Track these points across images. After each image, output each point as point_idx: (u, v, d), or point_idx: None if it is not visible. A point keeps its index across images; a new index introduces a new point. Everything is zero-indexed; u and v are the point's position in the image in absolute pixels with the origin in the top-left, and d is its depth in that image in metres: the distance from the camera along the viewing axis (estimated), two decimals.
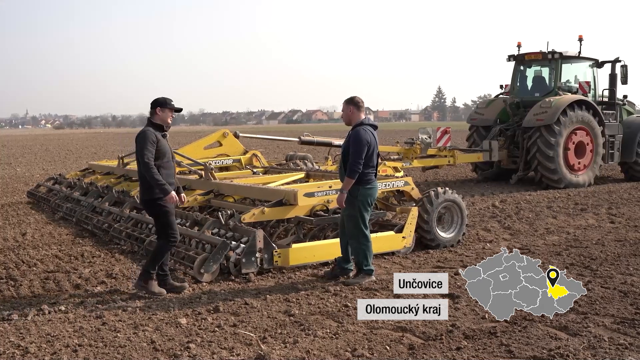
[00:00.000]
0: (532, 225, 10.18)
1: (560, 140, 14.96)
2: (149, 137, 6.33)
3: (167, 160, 6.48)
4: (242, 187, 9.15)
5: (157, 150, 6.37)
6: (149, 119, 6.59)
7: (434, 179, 18.05)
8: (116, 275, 7.28)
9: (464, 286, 6.43)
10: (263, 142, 32.80)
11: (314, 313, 5.77)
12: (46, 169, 24.74)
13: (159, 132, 6.48)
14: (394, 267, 7.56)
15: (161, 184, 6.27)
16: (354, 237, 6.84)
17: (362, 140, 6.70)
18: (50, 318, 5.77)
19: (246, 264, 7.00)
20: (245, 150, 13.10)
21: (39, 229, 10.75)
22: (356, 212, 6.75)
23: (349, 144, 6.75)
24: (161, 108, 6.52)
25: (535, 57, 16.69)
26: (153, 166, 6.28)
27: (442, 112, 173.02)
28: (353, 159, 6.64)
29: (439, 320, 5.40)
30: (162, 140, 6.45)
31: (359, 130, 6.75)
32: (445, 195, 8.57)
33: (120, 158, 12.99)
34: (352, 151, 6.67)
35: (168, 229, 6.46)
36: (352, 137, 6.74)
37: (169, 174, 6.50)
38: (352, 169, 6.64)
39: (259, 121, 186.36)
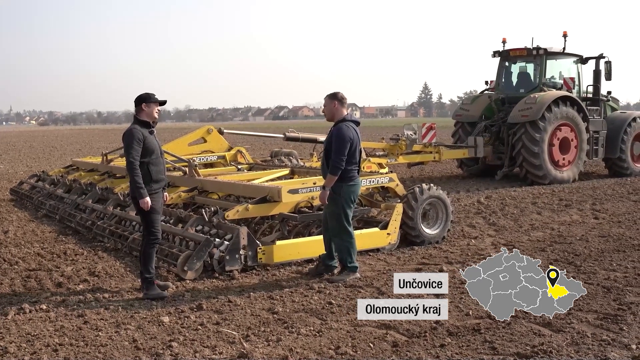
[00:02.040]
0: (516, 221, 10.21)
1: (545, 136, 15.01)
2: (135, 136, 6.26)
3: (155, 157, 6.41)
4: (227, 183, 9.10)
5: (145, 147, 6.30)
6: (135, 116, 6.52)
7: (420, 175, 18.07)
8: (99, 273, 7.20)
9: (449, 282, 6.50)
10: (249, 138, 32.68)
11: (298, 310, 5.74)
12: (30, 166, 24.50)
13: (146, 128, 6.40)
14: (378, 264, 7.55)
15: (139, 187, 6.22)
16: (337, 234, 6.81)
17: (345, 137, 6.66)
18: (31, 317, 5.69)
19: (230, 262, 6.96)
20: (230, 147, 13.05)
21: (21, 226, 10.63)
22: (339, 209, 6.73)
23: (331, 141, 6.71)
24: (146, 103, 6.44)
25: (520, 53, 16.73)
26: (136, 166, 6.23)
27: (428, 108, 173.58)
28: (336, 156, 6.61)
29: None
30: (149, 137, 6.38)
31: (342, 127, 6.71)
32: (430, 192, 8.56)
33: (104, 155, 12.88)
34: (335, 148, 6.64)
35: (150, 227, 6.40)
36: (335, 134, 6.70)
37: (159, 170, 6.45)
38: (334, 166, 6.61)
39: (245, 117, 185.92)
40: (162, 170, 6.56)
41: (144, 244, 6.45)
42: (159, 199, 6.48)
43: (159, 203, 6.48)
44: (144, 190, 6.24)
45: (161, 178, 6.51)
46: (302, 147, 23.03)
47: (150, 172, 6.35)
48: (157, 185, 6.45)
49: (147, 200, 6.24)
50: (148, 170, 6.34)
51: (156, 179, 6.42)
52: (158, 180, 6.46)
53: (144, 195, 6.23)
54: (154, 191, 6.39)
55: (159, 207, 6.48)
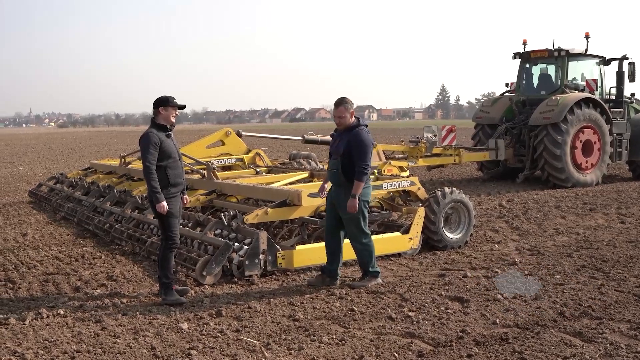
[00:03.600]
0: (540, 225, 10.00)
1: (567, 138, 14.76)
2: (151, 140, 6.18)
3: (173, 160, 6.32)
4: (245, 187, 8.98)
5: (162, 151, 6.21)
6: (152, 119, 6.43)
7: (439, 178, 17.86)
8: (117, 277, 7.12)
9: (474, 289, 6.34)
10: (266, 140, 32.65)
11: (319, 318, 5.60)
12: (49, 168, 24.62)
13: (163, 132, 6.31)
14: (400, 269, 7.39)
15: (155, 191, 6.13)
16: (356, 238, 6.66)
17: (369, 142, 6.57)
18: (48, 322, 5.61)
19: (249, 266, 6.84)
20: (248, 149, 12.92)
21: (39, 229, 10.60)
22: (359, 213, 6.57)
23: (349, 146, 6.54)
24: (164, 107, 6.34)
25: (541, 54, 16.47)
26: (153, 171, 6.14)
27: (446, 110, 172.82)
28: (362, 162, 6.46)
29: (449, 326, 5.25)
30: (166, 140, 6.28)
31: (362, 132, 6.59)
32: (453, 195, 8.39)
33: (122, 157, 12.83)
34: (359, 153, 6.48)
35: (168, 231, 6.30)
36: (357, 140, 6.54)
37: (177, 174, 6.35)
38: (362, 172, 6.46)
39: (262, 119, 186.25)
40: (180, 173, 6.45)
41: (162, 248, 6.35)
42: (177, 202, 6.37)
43: (176, 207, 6.37)
44: (160, 194, 6.14)
45: (179, 182, 6.40)
46: (319, 149, 22.92)
47: (167, 176, 6.25)
48: (175, 189, 6.34)
49: (163, 205, 6.14)
50: (166, 174, 6.24)
51: (174, 183, 6.32)
52: (176, 184, 6.35)
53: (161, 200, 6.14)
54: (171, 195, 6.29)
55: (176, 211, 6.37)
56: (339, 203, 6.60)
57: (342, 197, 6.55)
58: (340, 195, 6.58)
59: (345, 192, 6.53)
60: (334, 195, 6.71)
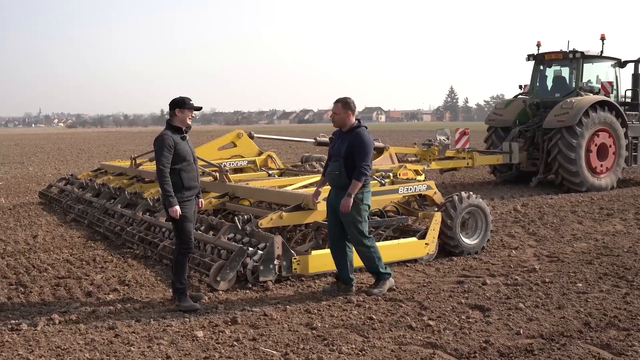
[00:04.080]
0: (557, 231, 9.82)
1: (582, 142, 14.56)
2: (166, 142, 6.05)
3: (188, 163, 6.19)
4: (259, 190, 8.85)
5: (176, 154, 6.08)
6: (168, 120, 6.30)
7: (451, 181, 17.69)
8: (129, 282, 7.00)
9: (494, 297, 6.19)
10: (275, 142, 32.45)
11: (338, 326, 5.46)
12: (58, 169, 24.60)
13: (178, 134, 6.18)
14: (417, 276, 7.24)
15: (168, 195, 6.00)
16: (360, 243, 6.51)
17: (370, 143, 6.46)
18: (60, 329, 5.49)
19: (264, 272, 6.70)
20: (260, 152, 12.79)
21: (50, 231, 10.51)
22: (361, 217, 6.44)
23: (352, 147, 6.39)
24: (180, 109, 6.22)
25: (556, 56, 16.29)
26: (166, 174, 6.03)
27: (454, 113, 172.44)
28: (363, 162, 6.34)
29: (471, 336, 5.10)
30: (180, 143, 6.15)
31: (363, 132, 6.48)
32: (470, 200, 8.24)
33: (133, 158, 12.73)
34: (360, 154, 6.36)
35: (182, 236, 6.18)
36: (358, 140, 6.41)
37: (191, 177, 6.22)
38: (362, 172, 6.33)
39: (270, 121, 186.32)
40: (195, 177, 6.31)
41: (177, 253, 6.23)
42: (191, 206, 6.24)
43: (191, 211, 6.24)
44: (173, 198, 6.02)
45: (193, 185, 6.27)
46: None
47: (182, 179, 6.13)
48: (189, 193, 6.21)
49: (176, 209, 6.01)
50: (180, 177, 6.12)
51: (188, 186, 6.19)
52: (190, 187, 6.22)
53: (174, 204, 6.01)
54: (186, 199, 6.16)
55: (191, 215, 6.24)
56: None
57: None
58: (341, 198, 6.41)
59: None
60: (334, 199, 6.54)
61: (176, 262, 6.17)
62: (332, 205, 6.57)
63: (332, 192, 6.66)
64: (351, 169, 6.39)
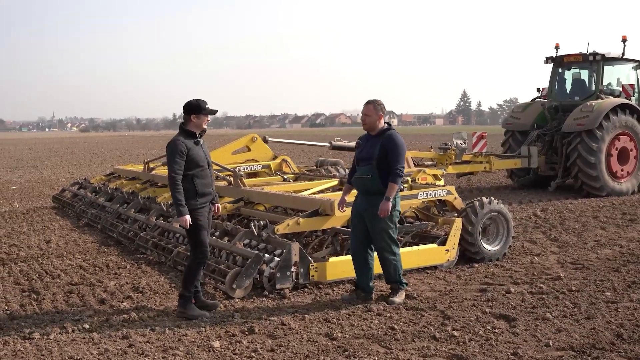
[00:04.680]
0: (580, 237, 9.57)
1: (602, 146, 14.27)
2: (178, 148, 5.83)
3: (201, 169, 5.97)
4: (274, 195, 8.68)
5: (189, 160, 5.88)
6: (182, 125, 6.08)
7: (467, 185, 17.43)
8: (143, 289, 6.85)
9: (519, 306, 5.97)
10: (289, 146, 32.31)
11: (358, 336, 5.26)
12: (71, 173, 24.60)
13: (191, 139, 5.97)
14: (438, 283, 7.04)
15: (179, 203, 5.79)
16: (388, 250, 6.31)
17: (403, 145, 6.31)
18: (73, 337, 5.34)
19: (281, 279, 6.52)
20: (274, 156, 12.64)
21: (63, 236, 10.41)
22: (392, 223, 6.26)
23: (385, 150, 6.21)
24: (196, 114, 5.99)
25: (575, 59, 16.00)
26: (178, 181, 5.81)
27: (467, 116, 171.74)
28: (398, 164, 6.16)
29: (498, 348, 4.90)
30: (194, 148, 5.94)
31: (396, 135, 6.32)
32: (491, 206, 8.03)
33: (146, 163, 12.61)
34: (395, 156, 6.18)
35: (198, 244, 5.98)
36: (391, 143, 6.23)
37: (205, 184, 6.00)
38: (398, 174, 6.16)
39: (282, 125, 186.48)
40: (209, 183, 6.09)
41: (191, 261, 6.04)
42: (205, 213, 6.02)
43: (205, 218, 6.02)
44: (184, 207, 5.80)
45: (208, 192, 6.04)
46: (343, 155, 22.58)
47: (195, 186, 5.91)
48: (203, 199, 5.99)
49: (186, 219, 5.79)
50: (193, 183, 5.90)
51: (202, 193, 5.96)
52: (204, 194, 5.99)
53: (184, 213, 5.79)
54: (199, 206, 5.95)
55: (205, 222, 6.02)
56: (372, 213, 6.22)
57: (377, 205, 6.17)
58: (374, 204, 6.20)
59: (380, 199, 6.17)
60: (364, 205, 6.33)
61: (189, 270, 5.99)
62: (360, 211, 6.36)
63: (360, 197, 6.45)
64: (384, 172, 6.21)
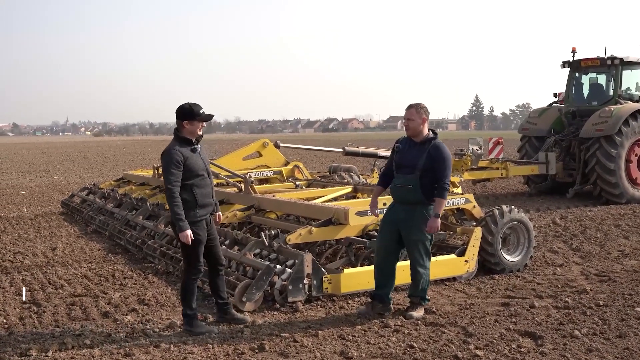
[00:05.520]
0: (603, 246, 9.20)
1: (621, 152, 13.88)
2: (174, 158, 5.41)
3: (201, 178, 5.58)
4: (286, 202, 8.38)
5: (187, 169, 5.47)
6: (176, 131, 5.63)
7: (482, 192, 17.05)
8: (148, 301, 6.57)
9: (545, 322, 5.64)
10: (300, 151, 32.04)
11: (375, 355, 4.95)
12: (83, 177, 24.47)
13: (187, 146, 5.54)
14: (457, 296, 6.71)
15: (178, 218, 5.39)
16: (422, 263, 6.01)
17: (450, 157, 5.99)
18: (73, 355, 5.06)
19: (293, 292, 6.22)
20: (286, 162, 12.35)
21: (70, 243, 10.17)
22: (428, 235, 5.96)
23: (431, 161, 5.88)
24: (189, 121, 5.55)
25: (593, 63, 15.62)
26: (176, 194, 5.41)
27: (480, 121, 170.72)
28: (446, 178, 5.86)
29: None
30: (191, 156, 5.52)
31: (443, 146, 5.99)
32: (511, 215, 7.69)
33: (156, 168, 12.37)
34: (442, 169, 5.88)
35: (192, 259, 5.60)
36: (438, 153, 5.90)
37: (205, 193, 5.62)
38: (445, 188, 5.87)
39: (295, 129, 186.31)
40: (210, 192, 5.69)
41: (185, 278, 5.67)
42: (204, 227, 5.63)
43: (204, 232, 5.62)
44: (184, 222, 5.40)
45: (208, 202, 5.65)
46: (356, 160, 22.27)
47: (195, 196, 5.52)
48: (203, 211, 5.59)
49: (187, 235, 5.40)
50: (193, 193, 5.51)
51: (202, 204, 5.57)
52: (204, 205, 5.60)
53: (184, 228, 5.40)
54: (199, 218, 5.55)
55: (203, 236, 5.61)
56: (410, 224, 5.93)
57: (416, 216, 5.89)
58: (413, 214, 5.91)
59: (420, 211, 5.89)
60: (400, 214, 6.00)
61: (185, 288, 5.64)
62: (394, 220, 6.05)
63: (396, 206, 6.13)
64: (428, 184, 5.88)
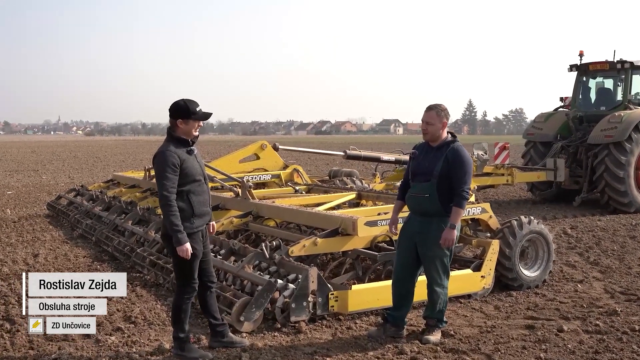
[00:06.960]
0: (622, 260, 8.64)
1: (631, 159, 13.35)
2: (169, 161, 4.79)
3: (198, 183, 4.96)
4: (287, 210, 7.74)
5: (183, 173, 4.85)
6: (169, 131, 5.00)
7: (485, 199, 16.49)
8: (135, 318, 5.94)
9: (579, 351, 5.07)
10: (295, 154, 31.43)
11: None
12: (72, 177, 23.77)
13: (183, 147, 4.94)
14: (475, 317, 6.12)
15: (176, 230, 4.74)
16: (438, 282, 5.40)
17: (470, 162, 5.36)
18: None
19: (296, 310, 5.60)
20: (285, 165, 11.72)
21: (53, 249, 9.52)
22: (449, 250, 5.38)
23: (448, 166, 5.29)
24: (184, 120, 4.94)
25: (601, 67, 15.11)
26: (172, 202, 4.77)
27: (473, 126, 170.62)
28: (465, 184, 5.24)
29: None
30: (188, 159, 4.91)
31: (462, 149, 5.37)
32: (531, 226, 7.13)
33: (147, 170, 11.73)
34: (461, 175, 5.26)
35: (187, 276, 4.97)
36: (456, 157, 5.29)
37: (202, 201, 4.99)
38: (464, 197, 5.23)
39: (288, 131, 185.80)
40: (207, 200, 5.07)
41: (178, 296, 5.02)
42: (200, 239, 5.00)
43: (200, 245, 4.98)
44: (182, 234, 4.75)
45: (205, 211, 5.03)
46: (354, 164, 21.66)
47: (192, 204, 4.88)
48: (200, 222, 4.96)
49: (186, 248, 4.76)
50: (189, 201, 4.87)
51: (199, 213, 4.93)
52: (202, 215, 4.97)
53: (183, 241, 4.75)
54: (195, 229, 4.92)
55: (200, 250, 4.97)
56: (426, 237, 5.33)
57: (433, 230, 5.29)
58: (429, 227, 5.31)
59: (437, 224, 5.28)
60: (417, 227, 5.40)
61: (178, 307, 4.98)
62: (411, 234, 5.45)
63: (413, 218, 5.51)
64: (446, 192, 5.28)
